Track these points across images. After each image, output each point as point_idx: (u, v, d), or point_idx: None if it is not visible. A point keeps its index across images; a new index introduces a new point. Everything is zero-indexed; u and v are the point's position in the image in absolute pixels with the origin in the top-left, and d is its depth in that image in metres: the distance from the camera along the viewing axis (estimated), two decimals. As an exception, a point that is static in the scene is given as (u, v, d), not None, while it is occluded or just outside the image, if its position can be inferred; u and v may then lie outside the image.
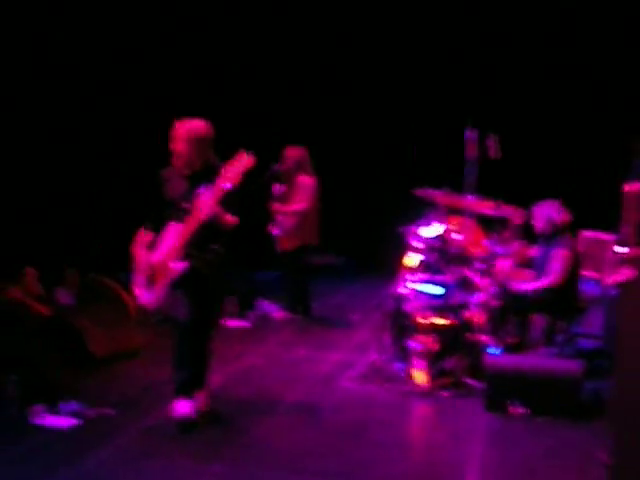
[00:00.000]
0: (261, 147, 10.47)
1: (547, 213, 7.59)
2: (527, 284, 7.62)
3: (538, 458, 5.47)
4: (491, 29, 12.46)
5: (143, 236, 5.92)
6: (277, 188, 9.51)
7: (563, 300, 7.51)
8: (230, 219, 5.74)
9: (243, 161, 5.52)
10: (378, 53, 13.17)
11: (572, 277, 7.56)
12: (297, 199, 9.51)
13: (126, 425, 5.91)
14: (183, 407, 5.94)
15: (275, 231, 9.64)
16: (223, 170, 5.51)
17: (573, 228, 7.82)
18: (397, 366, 7.22)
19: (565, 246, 7.49)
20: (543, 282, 7.49)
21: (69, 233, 10.74)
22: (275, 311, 10.03)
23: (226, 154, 5.67)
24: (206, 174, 5.71)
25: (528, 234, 7.94)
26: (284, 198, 9.62)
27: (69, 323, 7.50)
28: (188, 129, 5.80)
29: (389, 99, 13.32)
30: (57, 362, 6.62)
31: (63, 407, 6.07)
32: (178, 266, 5.64)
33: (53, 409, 6.04)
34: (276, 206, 9.57)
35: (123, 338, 7.80)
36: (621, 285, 4.07)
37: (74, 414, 6.01)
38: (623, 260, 4.09)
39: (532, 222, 7.69)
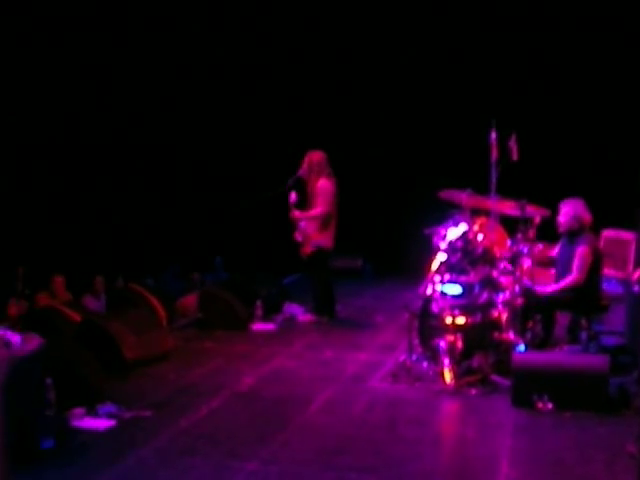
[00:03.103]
0: (284, 153, 10.77)
1: (574, 210, 7.67)
2: (550, 286, 7.72)
3: (566, 451, 5.56)
4: (515, 30, 12.57)
5: None
6: (293, 197, 9.65)
7: (586, 298, 7.61)
8: None
9: None
10: (404, 55, 13.32)
11: (595, 275, 7.66)
12: (317, 204, 9.66)
13: (162, 425, 6.02)
14: None
15: (297, 237, 9.80)
16: None
17: (595, 228, 7.91)
18: (425, 365, 7.32)
19: (587, 244, 7.58)
20: (566, 281, 7.59)
21: (95, 241, 10.90)
22: (301, 314, 10.17)
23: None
24: None
25: (550, 233, 8.01)
26: (305, 203, 9.80)
27: (102, 328, 7.64)
28: None
29: (415, 101, 13.44)
30: (93, 366, 6.74)
31: (100, 409, 6.21)
32: None
33: (91, 412, 6.18)
34: (296, 213, 9.73)
35: (154, 342, 7.94)
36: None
37: (111, 416, 6.15)
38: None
39: (558, 218, 7.76)
